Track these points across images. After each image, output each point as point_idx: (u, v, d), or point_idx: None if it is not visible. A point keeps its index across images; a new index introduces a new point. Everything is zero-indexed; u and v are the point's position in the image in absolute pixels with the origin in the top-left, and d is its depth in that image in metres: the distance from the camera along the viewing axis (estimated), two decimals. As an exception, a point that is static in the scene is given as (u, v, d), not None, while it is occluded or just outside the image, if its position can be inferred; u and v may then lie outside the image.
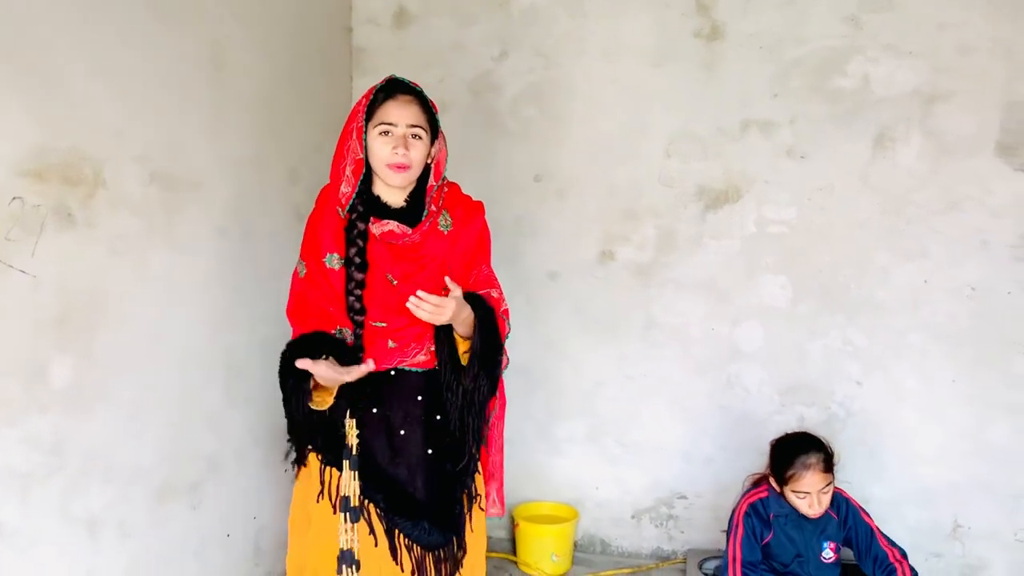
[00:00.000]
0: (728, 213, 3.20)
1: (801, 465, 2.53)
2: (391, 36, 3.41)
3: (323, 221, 2.00)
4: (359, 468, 1.96)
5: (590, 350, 3.36)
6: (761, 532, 2.63)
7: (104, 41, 1.99)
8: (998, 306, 3.00)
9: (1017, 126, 2.94)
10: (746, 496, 2.69)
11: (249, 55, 2.59)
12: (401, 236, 1.97)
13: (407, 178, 1.98)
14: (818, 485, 2.52)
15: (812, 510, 2.54)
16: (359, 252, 1.95)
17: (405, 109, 1.96)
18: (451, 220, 2.04)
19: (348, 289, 1.95)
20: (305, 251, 2.03)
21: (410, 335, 1.98)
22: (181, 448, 2.32)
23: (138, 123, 2.10)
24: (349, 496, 1.95)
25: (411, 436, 1.98)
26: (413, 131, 1.95)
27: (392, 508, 1.95)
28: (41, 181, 1.80)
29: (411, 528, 1.95)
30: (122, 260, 2.06)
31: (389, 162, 1.94)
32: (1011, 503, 3.04)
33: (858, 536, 2.63)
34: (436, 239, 2.02)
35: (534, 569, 3.19)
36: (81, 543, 1.97)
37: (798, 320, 3.17)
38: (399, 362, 1.98)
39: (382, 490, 1.96)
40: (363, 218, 1.97)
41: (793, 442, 2.61)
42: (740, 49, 3.14)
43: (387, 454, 1.98)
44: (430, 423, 1.99)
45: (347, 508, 1.94)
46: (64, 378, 1.89)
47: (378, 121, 1.95)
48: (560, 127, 3.32)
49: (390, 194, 2.02)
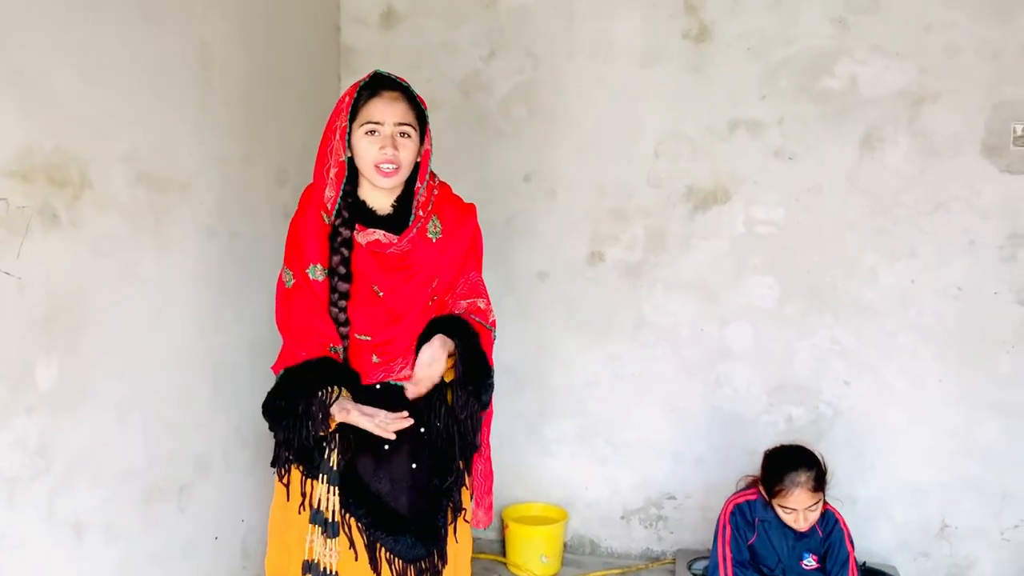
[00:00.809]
0: (717, 213, 3.21)
1: (790, 482, 2.49)
2: (379, 36, 3.41)
3: (306, 227, 1.91)
4: (341, 483, 1.88)
5: (580, 350, 3.36)
6: (745, 533, 2.63)
7: (90, 40, 1.97)
8: (985, 306, 3.02)
9: (1003, 126, 2.96)
10: (733, 497, 2.69)
11: (236, 54, 2.58)
12: (388, 245, 1.89)
13: (396, 180, 1.88)
14: (805, 503, 2.49)
15: (797, 525, 2.52)
16: (343, 262, 1.88)
17: (392, 106, 1.86)
18: (441, 226, 1.96)
19: (332, 300, 1.89)
20: (289, 258, 1.95)
21: (395, 350, 1.92)
22: (169, 450, 2.31)
23: (124, 123, 2.09)
24: (322, 510, 1.87)
25: (395, 451, 1.92)
26: (401, 129, 1.85)
27: (374, 523, 1.90)
28: (26, 182, 1.79)
29: (393, 543, 1.90)
30: (109, 261, 2.04)
31: (377, 162, 1.84)
32: (998, 502, 3.06)
33: (836, 558, 2.59)
34: (424, 247, 1.94)
35: (523, 570, 3.19)
36: (68, 546, 1.95)
37: (786, 320, 3.18)
38: (384, 376, 1.93)
39: (364, 505, 1.90)
40: (348, 225, 1.89)
41: (785, 456, 2.57)
42: (728, 50, 3.15)
43: (370, 468, 1.92)
44: (415, 437, 1.92)
45: (320, 521, 1.87)
46: (50, 380, 1.87)
47: (364, 120, 1.85)
48: (550, 127, 3.32)
49: (377, 198, 1.94)
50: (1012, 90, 2.95)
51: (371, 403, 1.88)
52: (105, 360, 2.04)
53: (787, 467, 2.52)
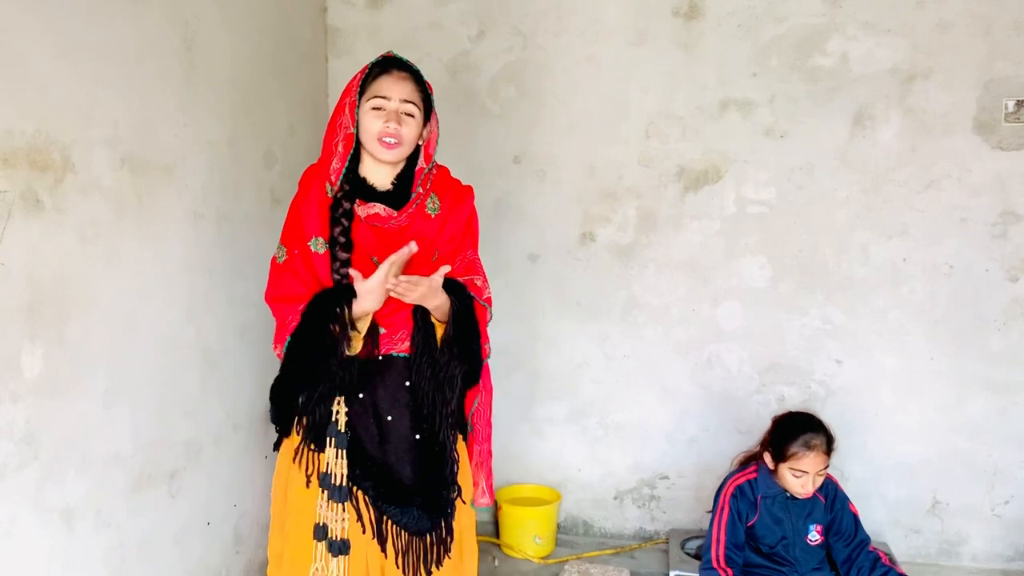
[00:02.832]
0: (708, 193, 3.19)
1: (804, 444, 2.50)
2: (366, 16, 3.36)
3: (308, 202, 1.95)
4: (348, 456, 1.92)
5: (572, 332, 3.35)
6: (747, 514, 2.63)
7: (71, 20, 1.93)
8: (976, 283, 3.03)
9: (995, 103, 2.95)
10: (733, 477, 2.68)
11: (221, 34, 2.54)
12: (387, 219, 1.93)
13: (397, 155, 1.94)
14: (817, 467, 2.51)
15: (804, 490, 2.53)
16: (343, 232, 1.91)
17: (399, 84, 1.93)
18: (439, 203, 2.00)
19: (334, 269, 1.90)
20: (287, 236, 1.97)
21: (398, 321, 1.94)
22: (158, 436, 2.29)
23: (107, 105, 2.05)
24: (330, 474, 1.90)
25: (398, 421, 1.95)
26: (406, 107, 1.92)
27: (381, 495, 1.92)
28: (7, 166, 1.76)
29: (400, 515, 1.93)
30: (93, 246, 2.01)
31: (380, 135, 1.90)
32: (989, 478, 3.08)
33: (843, 522, 2.63)
34: (423, 222, 1.97)
35: (517, 551, 3.19)
36: (57, 534, 1.93)
37: (778, 300, 3.18)
38: (387, 348, 1.95)
39: (370, 476, 1.93)
40: (349, 198, 1.92)
41: (800, 420, 2.59)
42: (719, 28, 3.13)
43: (375, 440, 1.94)
44: (416, 408, 1.96)
45: (328, 486, 1.90)
46: (36, 367, 1.85)
47: (371, 95, 1.92)
48: (539, 107, 3.29)
49: (377, 175, 1.98)
50: (1004, 66, 2.94)
51: (374, 374, 1.93)
52: (92, 346, 2.02)
53: (803, 429, 2.54)
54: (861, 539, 2.62)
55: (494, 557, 3.21)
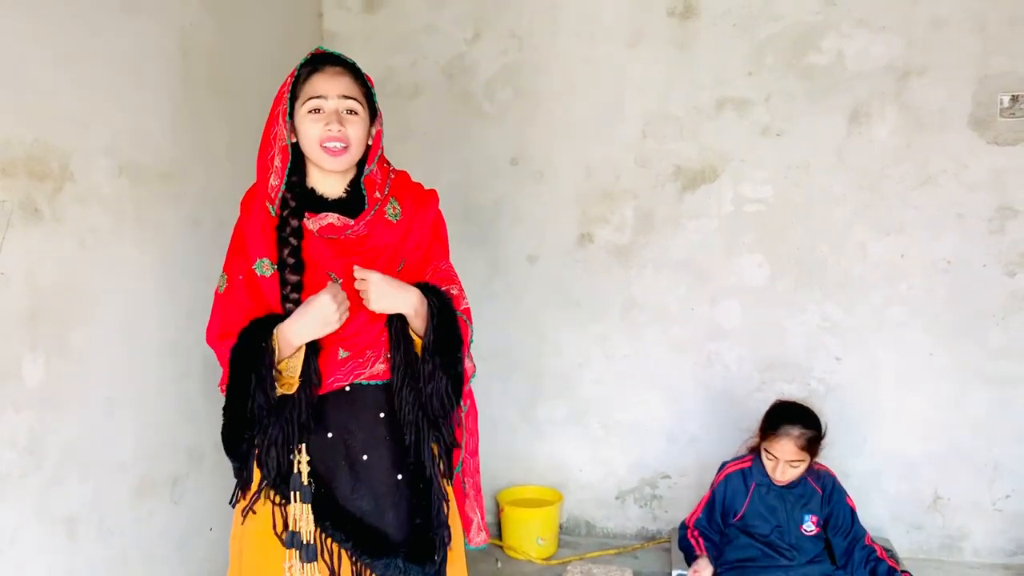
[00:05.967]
0: (705, 192, 3.20)
1: (782, 431, 2.55)
2: (362, 20, 3.37)
3: (250, 223, 1.72)
4: (315, 504, 1.68)
5: (571, 332, 3.36)
6: (733, 502, 2.66)
7: (68, 29, 1.94)
8: (974, 279, 3.03)
9: (990, 99, 2.95)
10: (730, 463, 2.72)
11: (217, 41, 2.55)
12: (343, 228, 1.70)
13: (344, 162, 1.70)
14: (788, 455, 2.54)
15: (775, 475, 2.58)
16: (293, 252, 1.68)
17: (335, 80, 1.70)
18: (400, 208, 1.77)
19: (284, 295, 1.68)
20: (229, 263, 1.76)
21: (364, 340, 1.71)
22: (160, 442, 2.30)
23: (105, 114, 2.06)
24: (298, 532, 1.67)
25: (376, 461, 1.71)
26: (346, 104, 1.69)
27: (360, 547, 1.69)
28: (6, 176, 1.76)
29: (383, 568, 1.69)
30: (93, 254, 2.02)
31: (322, 140, 1.67)
32: (990, 473, 3.08)
33: (840, 515, 2.65)
34: (384, 228, 1.74)
35: (520, 553, 3.20)
36: (60, 542, 1.94)
37: (777, 298, 3.18)
38: (355, 376, 1.71)
39: (344, 527, 1.68)
40: (296, 214, 1.70)
41: (789, 409, 2.63)
42: (714, 27, 3.13)
43: (348, 485, 1.70)
44: (397, 444, 1.73)
45: (297, 544, 1.66)
46: (37, 375, 1.86)
47: (306, 97, 1.69)
48: (536, 109, 3.29)
49: (326, 184, 1.75)
50: (999, 62, 2.94)
51: (342, 408, 1.71)
52: (93, 354, 2.02)
53: (786, 418, 2.59)
54: (856, 533, 2.64)
55: (497, 559, 3.21)
